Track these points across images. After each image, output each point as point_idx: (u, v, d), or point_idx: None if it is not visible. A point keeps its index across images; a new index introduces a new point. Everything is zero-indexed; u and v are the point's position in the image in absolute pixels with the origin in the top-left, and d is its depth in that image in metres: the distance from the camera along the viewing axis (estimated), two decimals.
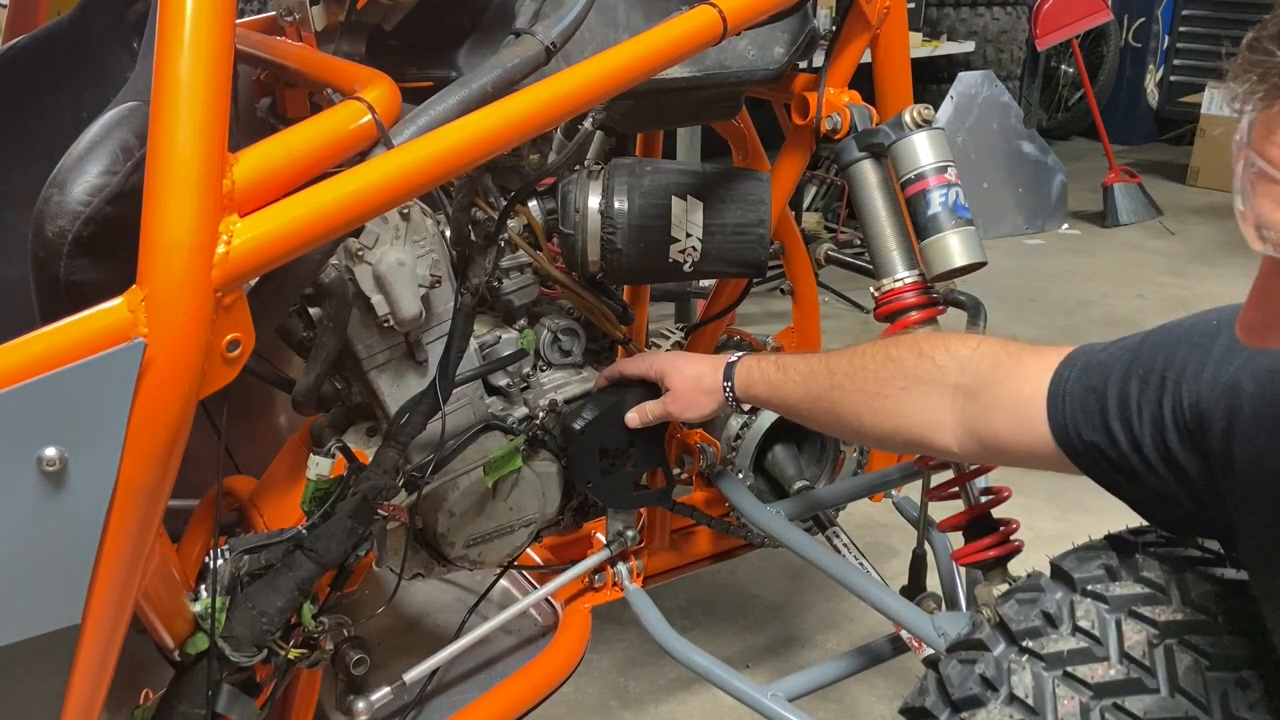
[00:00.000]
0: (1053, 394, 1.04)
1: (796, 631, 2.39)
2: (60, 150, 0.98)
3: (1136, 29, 7.28)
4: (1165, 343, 0.99)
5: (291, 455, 1.44)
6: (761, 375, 1.38)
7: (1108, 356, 1.03)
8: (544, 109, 1.14)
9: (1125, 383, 0.99)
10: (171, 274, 0.87)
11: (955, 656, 1.05)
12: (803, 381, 1.31)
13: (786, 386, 1.33)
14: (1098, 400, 1.00)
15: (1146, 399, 0.96)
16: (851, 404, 1.24)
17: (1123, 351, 1.02)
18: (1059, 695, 0.95)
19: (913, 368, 1.19)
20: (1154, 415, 0.96)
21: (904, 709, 1.08)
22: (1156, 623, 0.95)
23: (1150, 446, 0.96)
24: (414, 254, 1.29)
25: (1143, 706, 0.91)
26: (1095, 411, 1.00)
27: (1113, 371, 1.00)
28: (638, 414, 1.49)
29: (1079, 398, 1.02)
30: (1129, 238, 5.41)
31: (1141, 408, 0.97)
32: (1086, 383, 1.02)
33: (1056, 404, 1.04)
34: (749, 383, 1.39)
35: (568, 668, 1.67)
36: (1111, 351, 1.03)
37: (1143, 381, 0.97)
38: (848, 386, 1.25)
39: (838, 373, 1.27)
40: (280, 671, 1.31)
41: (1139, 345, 1.01)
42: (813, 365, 1.32)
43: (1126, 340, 1.04)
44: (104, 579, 0.92)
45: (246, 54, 1.41)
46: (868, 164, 1.52)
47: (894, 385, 1.20)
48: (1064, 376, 1.05)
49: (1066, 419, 1.03)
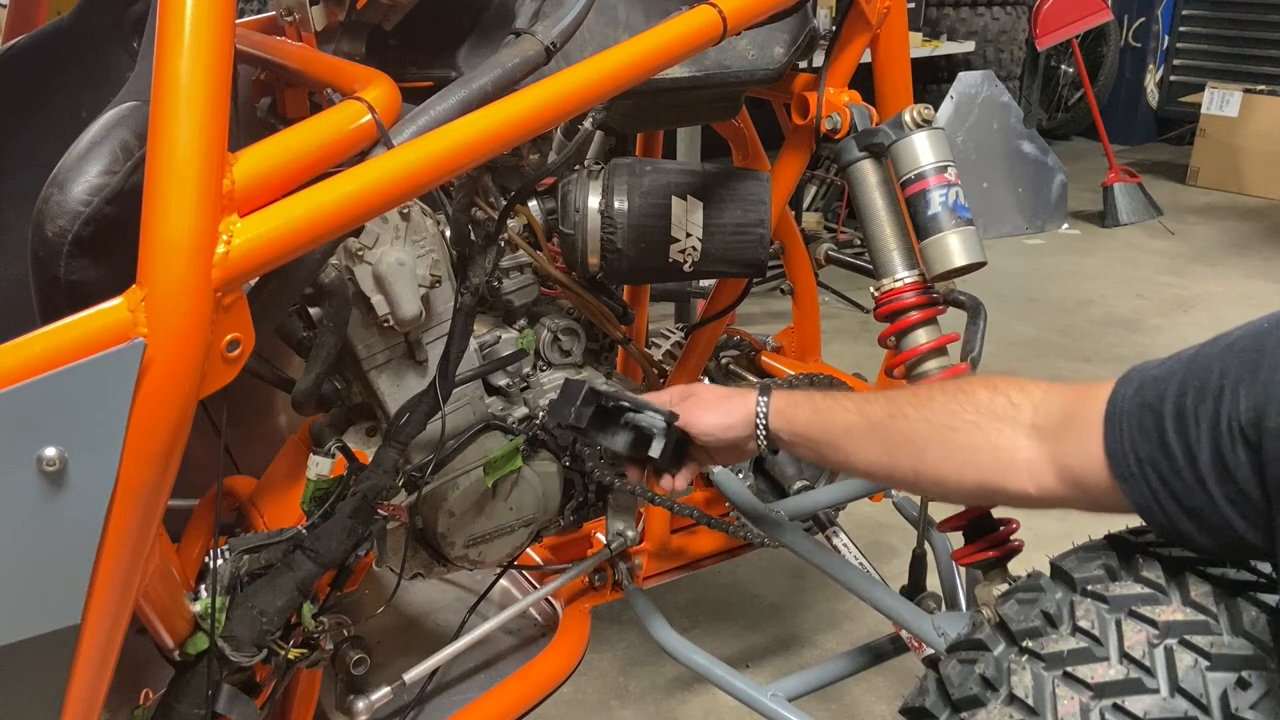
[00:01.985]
0: (1110, 415, 0.99)
1: (796, 631, 2.39)
2: (60, 150, 0.98)
3: (1136, 29, 7.29)
4: (1217, 352, 0.95)
5: (291, 455, 1.44)
6: (805, 399, 1.22)
7: (1163, 371, 0.98)
8: (544, 109, 1.14)
9: (1181, 396, 0.94)
10: (171, 274, 0.87)
11: (955, 656, 1.05)
12: (856, 408, 1.17)
13: (835, 412, 1.18)
14: (1154, 418, 0.95)
15: (1204, 410, 0.92)
16: (916, 435, 1.10)
17: (1178, 365, 0.97)
18: (1059, 695, 0.95)
19: (986, 401, 1.08)
20: (1211, 425, 0.91)
21: (904, 709, 1.08)
22: (1156, 623, 0.95)
23: (1207, 461, 0.91)
24: (414, 254, 1.29)
25: (1143, 707, 0.91)
26: (1152, 429, 0.95)
27: (1169, 385, 0.96)
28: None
29: (1135, 416, 0.97)
30: (1129, 238, 5.41)
31: (1199, 419, 0.92)
32: (1143, 399, 0.97)
33: (1113, 425, 0.98)
34: (790, 403, 1.22)
35: (568, 668, 1.67)
36: (1167, 366, 0.98)
37: (1199, 393, 0.93)
38: (912, 415, 1.11)
39: (899, 401, 1.13)
40: (280, 671, 1.31)
41: (1193, 358, 0.97)
42: (865, 395, 1.19)
43: (1182, 353, 0.99)
44: (104, 579, 0.92)
45: (246, 54, 1.41)
46: (868, 164, 1.52)
47: (964, 418, 1.08)
48: (1121, 395, 1.00)
49: (1124, 440, 0.97)
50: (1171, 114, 7.36)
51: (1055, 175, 5.52)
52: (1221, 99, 6.24)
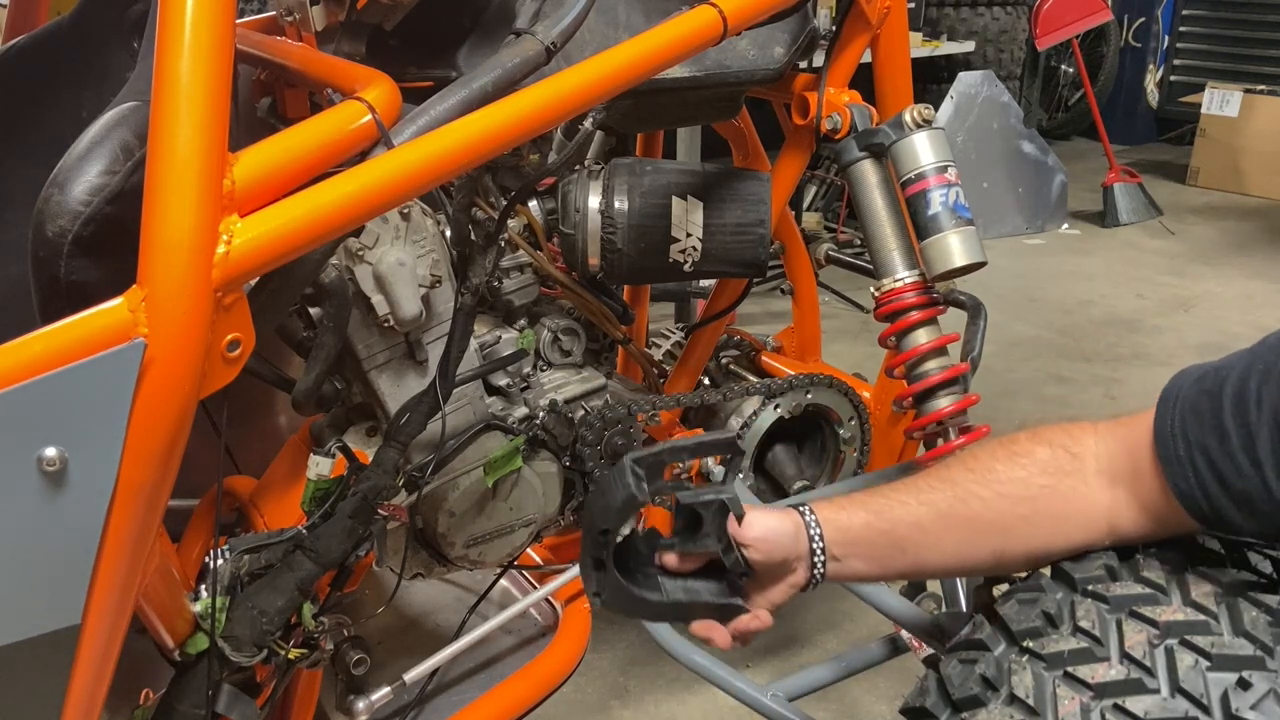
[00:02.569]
0: (1163, 398, 0.96)
1: (796, 631, 2.39)
2: (60, 150, 0.98)
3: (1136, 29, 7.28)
4: None
5: (291, 455, 1.44)
6: (852, 503, 1.07)
7: (1226, 361, 0.95)
8: (544, 109, 1.14)
9: (1245, 379, 0.91)
10: (171, 274, 0.87)
11: (955, 656, 1.05)
12: (915, 499, 1.04)
13: (894, 509, 1.04)
14: (1211, 400, 0.92)
15: (1269, 389, 0.88)
16: (995, 515, 1.01)
17: (1240, 355, 0.94)
18: (1059, 695, 0.95)
19: (1049, 460, 1.01)
20: (1274, 403, 0.87)
21: (904, 709, 1.07)
22: (1157, 623, 0.95)
23: (1267, 443, 0.87)
24: (414, 254, 1.29)
25: (1143, 707, 0.91)
26: (1207, 411, 0.91)
27: (1233, 370, 0.92)
28: None
29: (1190, 400, 0.94)
30: (1129, 238, 5.41)
31: (1262, 398, 0.88)
32: (1201, 386, 0.94)
33: (1164, 408, 0.95)
34: (838, 509, 1.06)
35: (568, 668, 1.67)
36: (1231, 357, 0.95)
37: (1263, 376, 0.89)
38: (984, 494, 1.01)
39: (959, 481, 1.03)
40: (280, 671, 1.31)
41: (1259, 345, 0.93)
42: (915, 483, 1.05)
43: (1244, 348, 0.96)
44: (104, 579, 0.91)
45: (246, 54, 1.41)
46: (868, 164, 1.52)
47: (1037, 484, 1.01)
48: (1177, 384, 0.96)
49: (1173, 422, 0.93)
50: (1171, 114, 7.36)
51: (1055, 175, 5.52)
52: (1221, 99, 6.24)
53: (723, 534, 1.02)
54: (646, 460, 1.01)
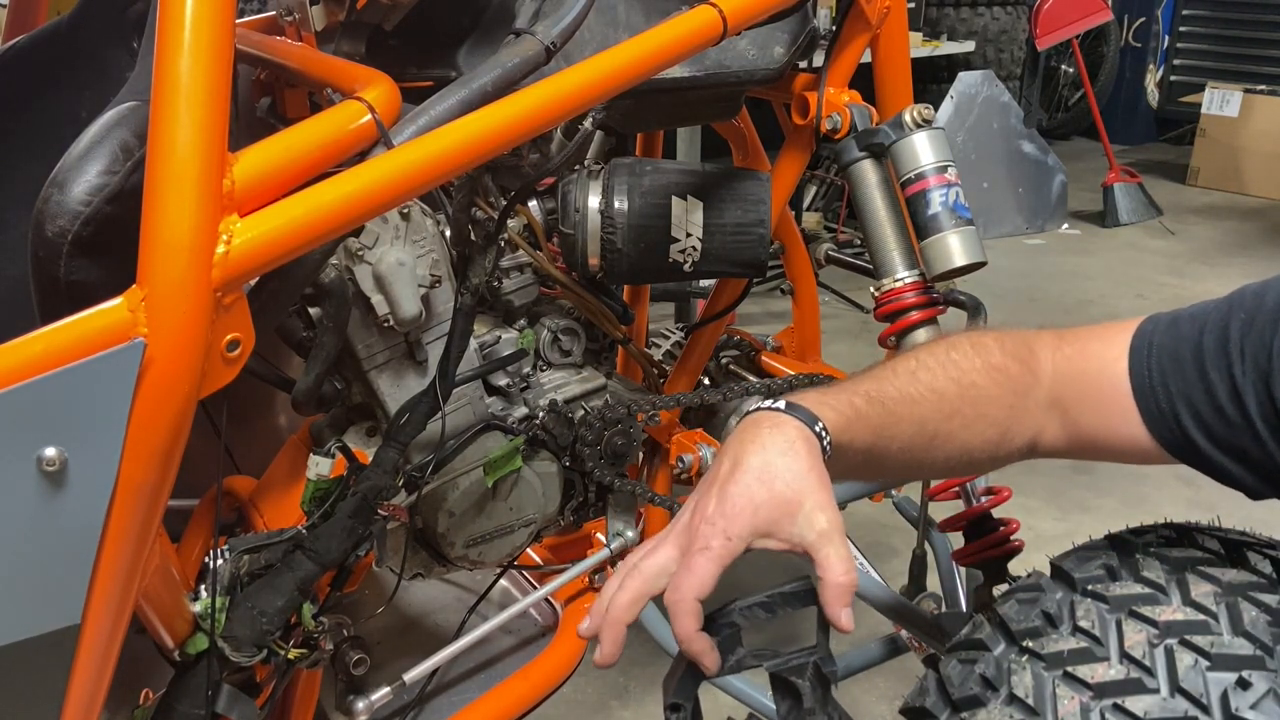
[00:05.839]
0: (1135, 348, 0.93)
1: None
2: (60, 150, 0.98)
3: (1136, 29, 7.29)
4: (1272, 285, 0.88)
5: (291, 455, 1.44)
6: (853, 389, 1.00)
7: (1200, 308, 0.91)
8: (544, 109, 1.14)
9: (1224, 327, 0.87)
10: (171, 274, 0.87)
11: (955, 656, 1.05)
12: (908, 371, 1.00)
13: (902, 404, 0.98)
14: (1191, 347, 0.88)
15: (1250, 340, 0.85)
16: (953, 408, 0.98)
17: (1218, 302, 0.91)
18: (1059, 695, 0.95)
19: (1018, 376, 0.99)
20: (1256, 354, 0.84)
21: (904, 709, 1.08)
22: (1157, 623, 0.95)
23: (1252, 393, 0.84)
24: (414, 254, 1.29)
25: (1143, 707, 0.91)
26: (1189, 359, 0.88)
27: (1209, 317, 0.89)
28: None
29: (1168, 349, 0.90)
30: (1129, 238, 5.41)
31: (1245, 350, 0.85)
32: (1177, 333, 0.91)
33: (1140, 357, 0.92)
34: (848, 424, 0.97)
35: (568, 668, 1.67)
36: (1204, 304, 0.92)
37: (1246, 323, 0.86)
38: (981, 383, 0.98)
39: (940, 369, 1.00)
40: (280, 671, 1.31)
41: (1238, 292, 0.90)
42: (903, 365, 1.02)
43: (1215, 298, 0.92)
44: (104, 579, 0.91)
45: (246, 54, 1.41)
46: (868, 164, 1.52)
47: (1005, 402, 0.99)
48: (1148, 330, 0.93)
49: (1151, 371, 0.90)
50: (1171, 114, 7.37)
51: (1055, 175, 5.52)
52: (1221, 99, 6.24)
53: (827, 702, 0.92)
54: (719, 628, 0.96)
